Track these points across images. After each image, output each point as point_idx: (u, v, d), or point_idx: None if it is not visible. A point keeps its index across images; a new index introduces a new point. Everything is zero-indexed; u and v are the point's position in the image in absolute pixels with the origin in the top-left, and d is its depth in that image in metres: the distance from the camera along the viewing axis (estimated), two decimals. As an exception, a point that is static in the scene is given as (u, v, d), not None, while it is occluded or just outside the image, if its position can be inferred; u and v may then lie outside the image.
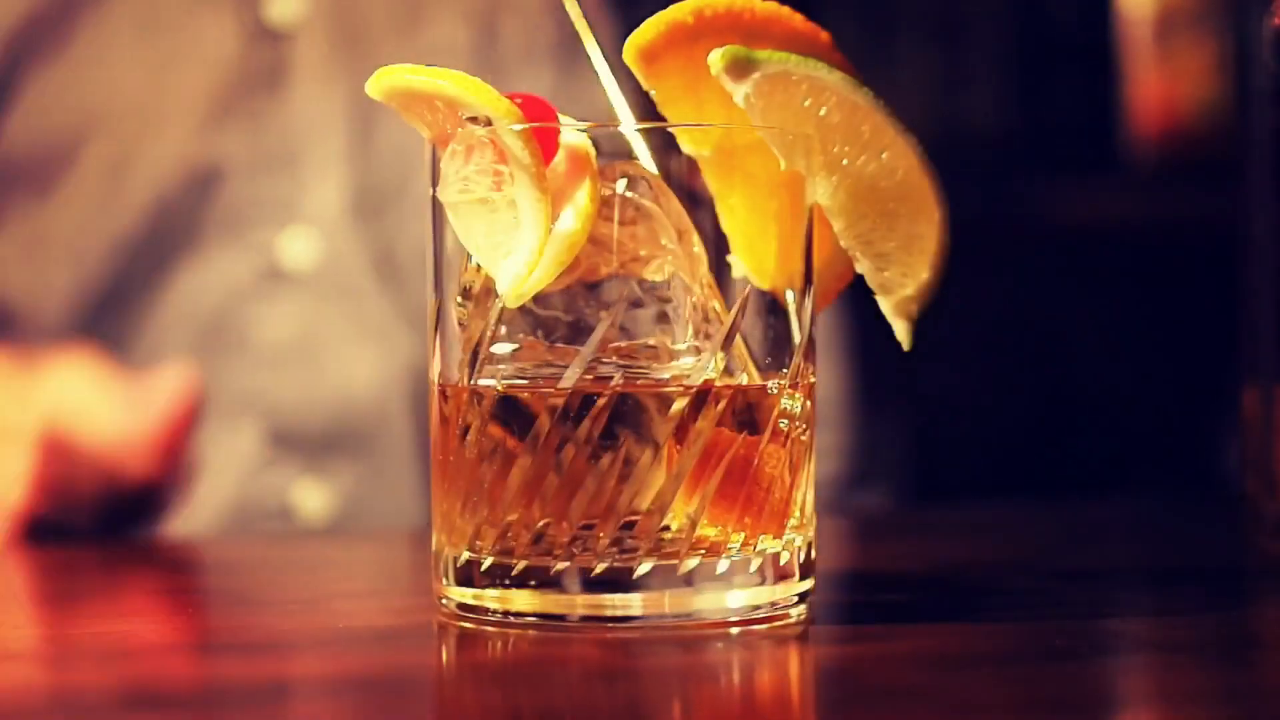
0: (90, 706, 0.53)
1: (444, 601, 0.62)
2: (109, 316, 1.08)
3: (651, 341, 0.60)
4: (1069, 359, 1.94)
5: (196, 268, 1.10)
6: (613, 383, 0.59)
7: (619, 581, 0.59)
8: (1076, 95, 1.88)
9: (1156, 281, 1.89)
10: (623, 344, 0.60)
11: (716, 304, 0.63)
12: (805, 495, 0.62)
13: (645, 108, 0.68)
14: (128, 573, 0.81)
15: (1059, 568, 0.81)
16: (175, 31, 1.11)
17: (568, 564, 0.59)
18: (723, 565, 0.60)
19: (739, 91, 0.62)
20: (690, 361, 0.60)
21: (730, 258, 0.65)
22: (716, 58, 0.62)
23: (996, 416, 1.90)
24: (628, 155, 0.64)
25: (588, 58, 0.65)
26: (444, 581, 0.62)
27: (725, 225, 0.66)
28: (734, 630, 0.60)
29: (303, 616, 0.63)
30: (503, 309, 0.60)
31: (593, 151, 0.62)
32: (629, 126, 0.63)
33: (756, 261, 0.66)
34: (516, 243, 0.59)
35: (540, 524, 0.59)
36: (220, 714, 0.51)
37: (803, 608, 0.62)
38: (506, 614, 0.60)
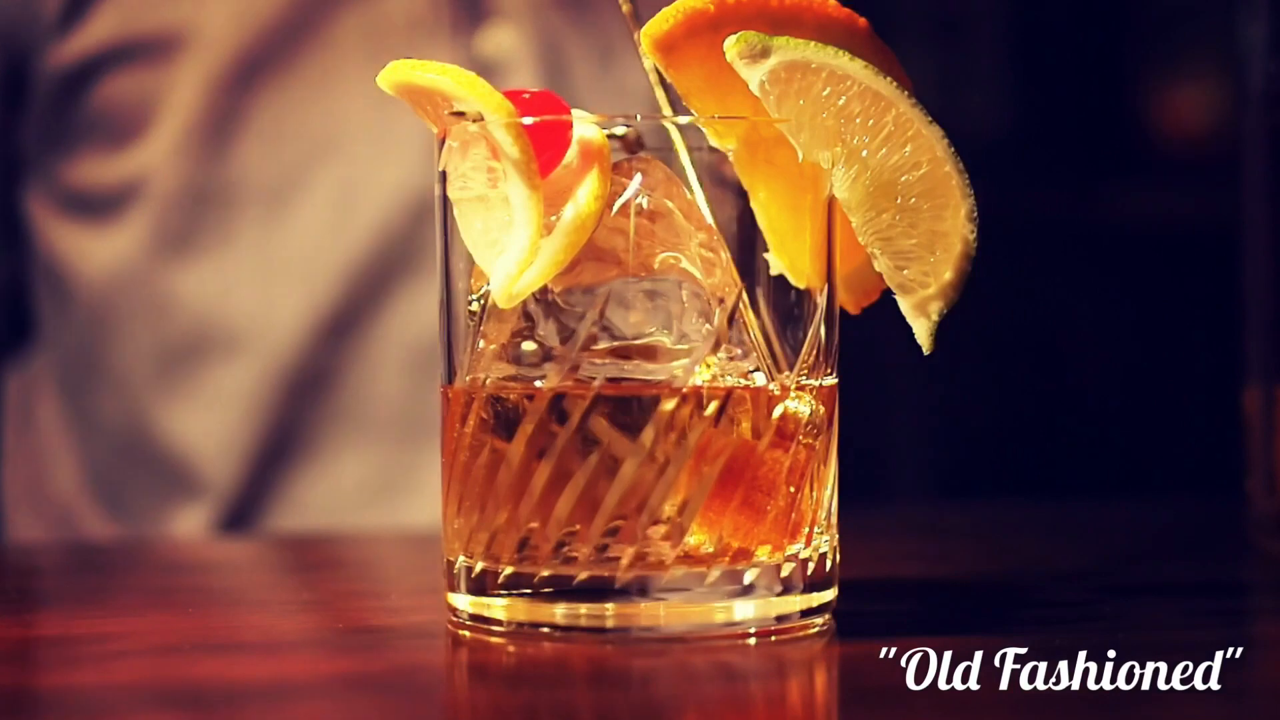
0: (90, 706, 0.53)
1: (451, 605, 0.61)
2: (333, 339, 1.07)
3: (649, 342, 0.58)
4: (1068, 359, 1.93)
5: (419, 293, 1.09)
6: (595, 383, 0.57)
7: (604, 590, 0.57)
8: (1076, 96, 1.89)
9: (1156, 281, 1.86)
10: (618, 344, 0.58)
11: (741, 305, 0.61)
12: (819, 503, 0.59)
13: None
14: (126, 572, 0.81)
15: (1056, 568, 0.80)
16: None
17: (551, 571, 0.57)
18: (713, 575, 0.57)
19: (753, 79, 0.59)
20: (684, 362, 0.58)
21: (767, 255, 0.63)
22: (730, 43, 0.59)
23: (995, 417, 1.89)
24: (653, 151, 0.62)
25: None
26: (448, 586, 0.60)
27: (760, 221, 0.63)
28: (751, 640, 0.58)
29: (303, 616, 0.62)
30: (510, 308, 0.59)
31: (607, 148, 0.60)
32: (645, 120, 0.62)
33: (790, 259, 0.63)
34: (510, 240, 0.58)
35: (527, 528, 0.57)
36: (220, 714, 0.51)
37: (818, 620, 0.60)
38: (490, 620, 0.58)
